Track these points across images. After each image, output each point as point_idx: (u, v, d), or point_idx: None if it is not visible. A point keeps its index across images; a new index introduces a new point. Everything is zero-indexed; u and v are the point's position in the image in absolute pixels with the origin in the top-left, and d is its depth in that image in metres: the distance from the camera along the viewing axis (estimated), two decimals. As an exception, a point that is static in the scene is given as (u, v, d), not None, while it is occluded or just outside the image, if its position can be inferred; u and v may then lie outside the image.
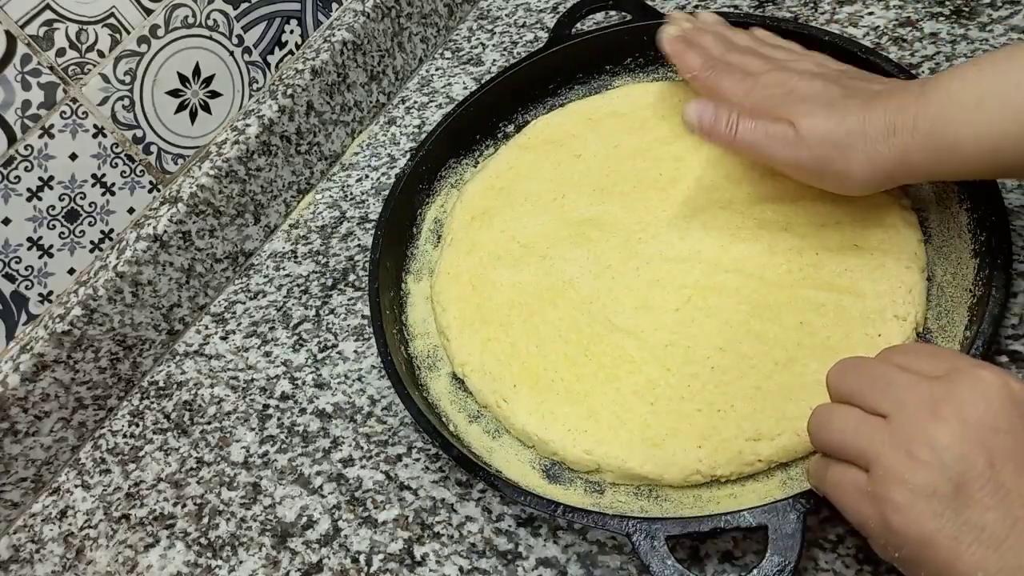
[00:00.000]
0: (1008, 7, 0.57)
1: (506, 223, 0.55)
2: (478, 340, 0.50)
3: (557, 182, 0.56)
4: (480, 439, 0.48)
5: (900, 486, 0.30)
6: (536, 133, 0.60)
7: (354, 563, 0.46)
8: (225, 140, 0.63)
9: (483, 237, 0.55)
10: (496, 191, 0.57)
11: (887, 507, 0.31)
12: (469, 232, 0.56)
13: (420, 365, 0.52)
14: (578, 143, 0.58)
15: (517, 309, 0.51)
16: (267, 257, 0.66)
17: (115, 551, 0.52)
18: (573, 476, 0.45)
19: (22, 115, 0.53)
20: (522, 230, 0.55)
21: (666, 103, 0.57)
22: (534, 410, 0.46)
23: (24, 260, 0.55)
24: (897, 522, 0.30)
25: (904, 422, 0.31)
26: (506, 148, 0.60)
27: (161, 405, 0.59)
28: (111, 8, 0.56)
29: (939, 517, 0.29)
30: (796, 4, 0.64)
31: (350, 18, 0.70)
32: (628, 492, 0.44)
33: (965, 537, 0.29)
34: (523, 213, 0.55)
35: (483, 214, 0.56)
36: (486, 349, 0.50)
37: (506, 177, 0.58)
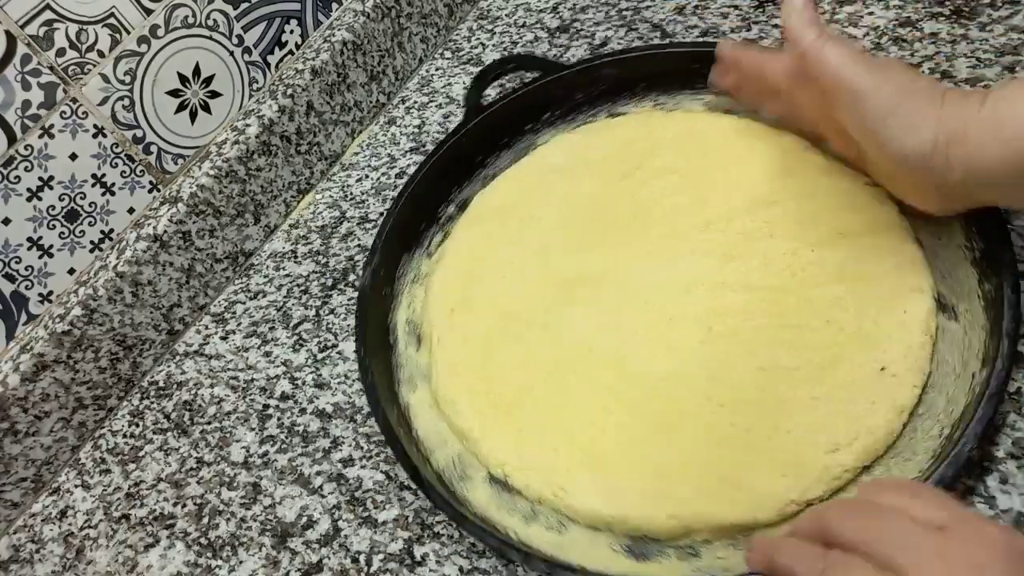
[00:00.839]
0: (1008, 7, 0.57)
1: (490, 302, 0.52)
2: (509, 434, 0.46)
3: (524, 247, 0.54)
4: (546, 538, 0.43)
5: None
6: (484, 205, 0.58)
7: (354, 563, 0.46)
8: (225, 140, 0.63)
9: (471, 324, 0.51)
10: (465, 275, 0.54)
11: None
12: (453, 324, 0.52)
13: (451, 479, 0.46)
14: (530, 205, 0.56)
15: (537, 389, 0.47)
16: (267, 257, 0.66)
17: (115, 551, 0.52)
18: (661, 547, 0.41)
19: (22, 115, 0.53)
20: (510, 304, 0.51)
21: (595, 148, 0.57)
22: (599, 489, 0.42)
23: (24, 260, 0.55)
24: None
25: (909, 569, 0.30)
26: (457, 228, 0.57)
27: (161, 405, 0.59)
28: (111, 8, 0.56)
29: None
30: (796, 4, 0.64)
31: (350, 18, 0.70)
32: (725, 546, 0.40)
33: None
34: (503, 287, 0.52)
35: (462, 301, 0.53)
36: (521, 441, 0.45)
37: (470, 257, 0.55)
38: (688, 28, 0.66)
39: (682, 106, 0.59)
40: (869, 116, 0.42)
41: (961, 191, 0.40)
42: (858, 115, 0.42)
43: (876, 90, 0.41)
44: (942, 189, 0.41)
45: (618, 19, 0.71)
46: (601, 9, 0.73)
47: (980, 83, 0.53)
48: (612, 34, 0.69)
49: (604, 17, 0.72)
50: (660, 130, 0.57)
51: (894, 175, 0.44)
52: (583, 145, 0.58)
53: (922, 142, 0.40)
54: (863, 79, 0.41)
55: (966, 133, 0.38)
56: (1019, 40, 0.55)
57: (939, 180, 0.40)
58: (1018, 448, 0.39)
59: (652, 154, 0.55)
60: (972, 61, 0.54)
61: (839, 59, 0.42)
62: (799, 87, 0.48)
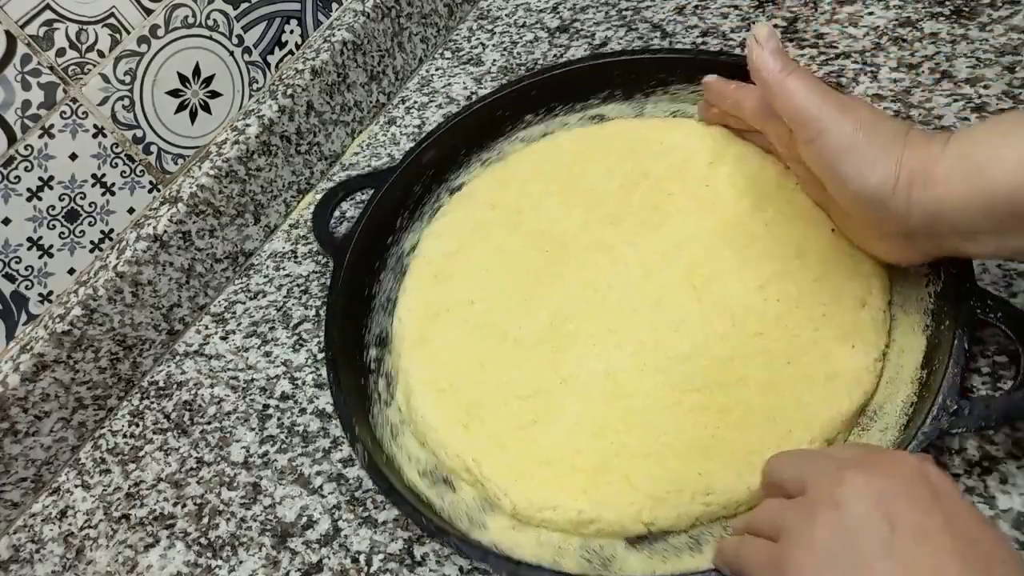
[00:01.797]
0: (1008, 7, 0.57)
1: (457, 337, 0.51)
2: (534, 484, 0.43)
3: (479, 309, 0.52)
4: (506, 535, 0.44)
5: (802, 548, 0.30)
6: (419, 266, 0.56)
7: (354, 563, 0.46)
8: (225, 140, 0.63)
9: (441, 354, 0.50)
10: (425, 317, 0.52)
11: (788, 568, 0.30)
12: (418, 357, 0.51)
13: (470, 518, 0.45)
14: (473, 252, 0.55)
15: (512, 405, 0.47)
16: (267, 257, 0.66)
17: (115, 551, 0.52)
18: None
19: (22, 115, 0.53)
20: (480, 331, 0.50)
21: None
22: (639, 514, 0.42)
23: (24, 260, 0.55)
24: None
25: (815, 489, 0.32)
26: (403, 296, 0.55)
27: (161, 405, 0.59)
28: (111, 8, 0.56)
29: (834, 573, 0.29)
30: (796, 4, 0.64)
31: (350, 18, 0.70)
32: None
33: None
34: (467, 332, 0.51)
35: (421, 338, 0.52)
36: (545, 486, 0.43)
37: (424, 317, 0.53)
38: (688, 28, 0.66)
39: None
40: (828, 151, 0.40)
41: (923, 236, 0.39)
42: (818, 150, 0.41)
43: (837, 125, 0.40)
44: (903, 234, 0.39)
45: (618, 19, 0.71)
46: (601, 9, 0.73)
47: (980, 83, 0.53)
48: (612, 34, 0.69)
49: (604, 17, 0.72)
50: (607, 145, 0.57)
51: (855, 218, 0.43)
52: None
53: (882, 180, 0.38)
54: (824, 113, 0.40)
55: (930, 173, 0.37)
56: (1019, 40, 0.55)
57: (900, 223, 0.39)
58: (1018, 448, 0.39)
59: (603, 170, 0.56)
60: (972, 61, 0.54)
61: (801, 92, 0.41)
62: (767, 122, 0.48)
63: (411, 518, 0.42)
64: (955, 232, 0.37)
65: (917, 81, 0.55)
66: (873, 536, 0.29)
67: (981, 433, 0.40)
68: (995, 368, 0.42)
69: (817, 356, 0.43)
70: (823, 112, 0.40)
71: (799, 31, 0.62)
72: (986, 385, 0.41)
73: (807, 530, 0.30)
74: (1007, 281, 0.44)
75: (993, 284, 0.44)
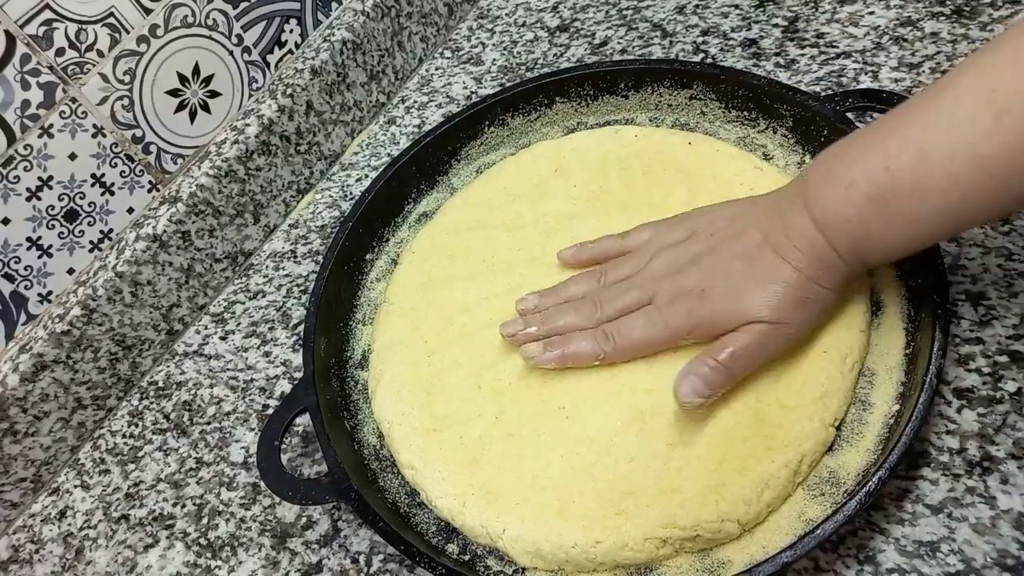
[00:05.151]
0: (1009, 6, 0.57)
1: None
2: (547, 531, 0.42)
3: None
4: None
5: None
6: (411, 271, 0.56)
7: (354, 563, 0.46)
8: (225, 140, 0.63)
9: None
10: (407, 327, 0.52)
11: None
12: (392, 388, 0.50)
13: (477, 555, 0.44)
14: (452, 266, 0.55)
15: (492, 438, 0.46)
16: (267, 257, 0.66)
17: (115, 551, 0.52)
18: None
19: (21, 115, 0.53)
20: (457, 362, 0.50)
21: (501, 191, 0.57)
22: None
23: (23, 260, 0.55)
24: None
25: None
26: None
27: (160, 405, 0.59)
28: (110, 8, 0.55)
29: None
30: (797, 3, 0.64)
31: (350, 17, 0.70)
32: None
33: None
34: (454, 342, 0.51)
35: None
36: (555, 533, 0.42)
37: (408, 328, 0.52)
38: (688, 27, 0.66)
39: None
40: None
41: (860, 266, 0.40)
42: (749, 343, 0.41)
43: (790, 341, 0.42)
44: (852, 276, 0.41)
45: (618, 18, 0.71)
46: (601, 8, 0.73)
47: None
48: (612, 33, 0.69)
49: (604, 16, 0.72)
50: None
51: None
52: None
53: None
54: (778, 347, 0.42)
55: (823, 225, 0.38)
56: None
57: (844, 280, 0.40)
58: (1018, 448, 0.39)
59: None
60: (973, 61, 0.54)
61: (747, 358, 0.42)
62: None
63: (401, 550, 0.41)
64: (847, 235, 0.38)
65: (918, 81, 0.55)
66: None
67: (981, 434, 0.40)
68: (995, 368, 0.42)
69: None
70: (778, 346, 0.42)
71: (800, 30, 0.62)
72: (987, 385, 0.41)
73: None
74: (1007, 281, 0.44)
75: (994, 284, 0.44)
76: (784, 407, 0.42)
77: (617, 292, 0.45)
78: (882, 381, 0.43)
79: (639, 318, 0.44)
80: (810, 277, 0.39)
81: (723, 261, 0.42)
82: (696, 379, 0.40)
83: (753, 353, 0.41)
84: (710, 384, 0.40)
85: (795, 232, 0.39)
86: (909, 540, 0.38)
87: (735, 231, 0.43)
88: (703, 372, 0.40)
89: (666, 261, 0.45)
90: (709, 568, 0.39)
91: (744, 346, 0.40)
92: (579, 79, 0.59)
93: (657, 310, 0.44)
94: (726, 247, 0.42)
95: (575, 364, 0.45)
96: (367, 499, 0.43)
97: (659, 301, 0.44)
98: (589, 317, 0.45)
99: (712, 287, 0.42)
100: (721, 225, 0.44)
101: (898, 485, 0.40)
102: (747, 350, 0.40)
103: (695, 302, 0.42)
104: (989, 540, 0.37)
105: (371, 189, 0.57)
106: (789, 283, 0.40)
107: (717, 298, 0.41)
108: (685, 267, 0.43)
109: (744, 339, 0.40)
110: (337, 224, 0.66)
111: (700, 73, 0.56)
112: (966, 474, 0.39)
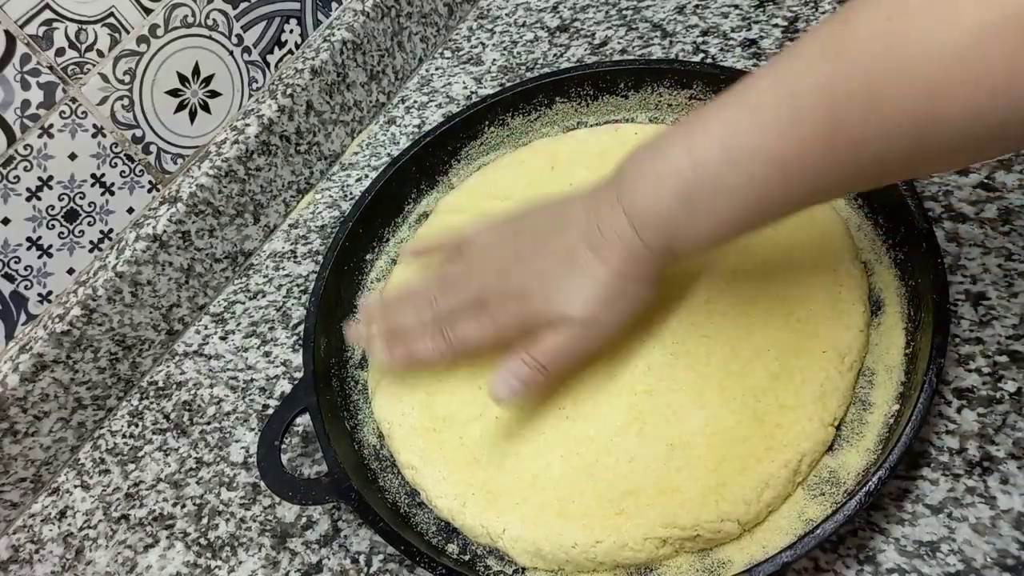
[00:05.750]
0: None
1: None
2: (547, 531, 0.42)
3: None
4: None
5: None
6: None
7: (354, 563, 0.46)
8: (225, 140, 0.63)
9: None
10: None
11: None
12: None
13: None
14: None
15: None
16: (267, 257, 0.66)
17: (114, 551, 0.52)
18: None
19: (21, 115, 0.53)
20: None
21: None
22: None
23: (23, 260, 0.55)
24: None
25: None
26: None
27: (160, 405, 0.59)
28: (110, 8, 0.55)
29: None
30: (797, 3, 0.64)
31: (350, 17, 0.70)
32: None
33: None
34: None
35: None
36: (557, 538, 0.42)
37: None
38: (688, 28, 0.66)
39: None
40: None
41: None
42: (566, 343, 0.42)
43: (605, 337, 0.43)
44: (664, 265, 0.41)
45: (618, 18, 0.71)
46: (601, 8, 0.73)
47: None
48: (612, 33, 0.69)
49: (604, 16, 0.72)
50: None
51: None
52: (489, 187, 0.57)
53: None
54: (589, 347, 0.43)
55: (638, 219, 0.39)
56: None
57: (658, 269, 0.40)
58: (1018, 448, 0.39)
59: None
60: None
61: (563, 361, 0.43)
62: None
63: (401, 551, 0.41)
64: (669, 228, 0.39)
65: (917, 81, 0.55)
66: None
67: (981, 434, 0.40)
68: (995, 368, 0.42)
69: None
70: (587, 346, 0.43)
71: (800, 31, 0.62)
72: (987, 385, 0.41)
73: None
74: (1008, 281, 0.44)
75: (994, 284, 0.44)
76: (783, 407, 0.42)
77: (449, 290, 0.46)
78: (882, 381, 0.43)
79: (471, 320, 0.45)
80: (621, 274, 0.40)
81: (541, 261, 0.43)
82: (512, 379, 0.42)
83: (566, 353, 0.42)
84: (526, 382, 0.42)
85: (608, 228, 0.40)
86: (909, 540, 0.38)
87: (554, 229, 0.43)
88: (518, 371, 0.42)
89: (494, 261, 0.46)
90: (709, 568, 0.39)
91: (555, 345, 0.42)
92: (579, 79, 0.59)
93: (487, 313, 0.44)
94: (544, 247, 0.43)
95: (419, 365, 0.46)
96: (367, 499, 0.43)
97: (488, 302, 0.44)
98: (425, 317, 0.46)
99: (531, 288, 0.43)
100: (543, 224, 0.45)
101: (898, 485, 0.40)
102: (559, 349, 0.42)
103: (518, 304, 0.43)
104: (989, 540, 0.37)
105: (371, 189, 0.57)
106: (600, 282, 0.40)
107: (536, 299, 0.42)
108: (509, 268, 0.44)
109: (556, 339, 0.42)
110: (337, 224, 0.66)
111: (700, 73, 0.56)
112: (966, 474, 0.39)
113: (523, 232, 0.46)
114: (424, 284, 0.48)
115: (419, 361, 0.46)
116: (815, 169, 0.33)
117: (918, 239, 0.43)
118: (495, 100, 0.60)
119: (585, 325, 0.41)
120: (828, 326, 0.43)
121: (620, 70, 0.58)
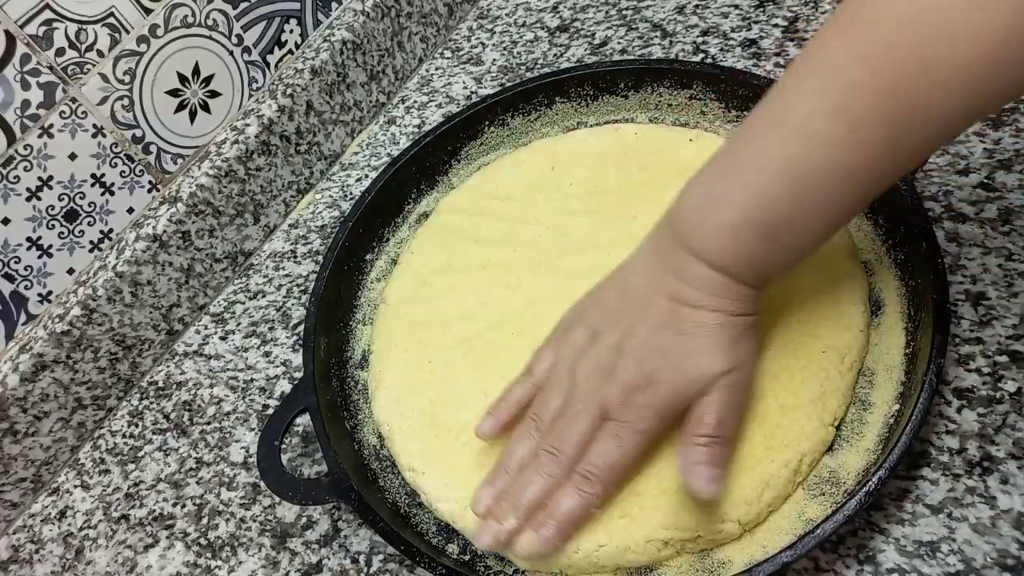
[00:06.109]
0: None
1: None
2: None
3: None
4: None
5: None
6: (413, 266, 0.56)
7: (354, 563, 0.46)
8: (225, 140, 0.63)
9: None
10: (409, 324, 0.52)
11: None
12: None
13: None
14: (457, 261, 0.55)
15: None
16: (267, 257, 0.66)
17: (115, 551, 0.52)
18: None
19: (21, 115, 0.53)
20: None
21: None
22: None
23: (23, 260, 0.55)
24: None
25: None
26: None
27: (160, 405, 0.59)
28: (110, 8, 0.55)
29: None
30: (797, 3, 0.64)
31: (350, 17, 0.70)
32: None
33: None
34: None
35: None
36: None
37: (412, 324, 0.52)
38: (688, 28, 0.66)
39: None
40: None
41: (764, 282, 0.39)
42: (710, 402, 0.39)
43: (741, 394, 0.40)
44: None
45: (618, 18, 0.71)
46: (601, 8, 0.73)
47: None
48: (612, 33, 0.69)
49: (604, 16, 0.72)
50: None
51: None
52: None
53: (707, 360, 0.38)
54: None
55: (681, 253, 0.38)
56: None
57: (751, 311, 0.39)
58: (1018, 448, 0.39)
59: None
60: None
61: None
62: None
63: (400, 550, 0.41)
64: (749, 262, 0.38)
65: (917, 81, 0.55)
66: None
67: (981, 434, 0.40)
68: (995, 368, 0.42)
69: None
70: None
71: (799, 31, 0.62)
72: (987, 385, 0.41)
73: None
74: (1008, 281, 0.44)
75: (994, 284, 0.44)
76: (783, 407, 0.42)
77: (565, 428, 0.40)
78: (882, 381, 0.43)
79: (607, 440, 0.39)
80: (732, 312, 0.38)
81: (648, 338, 0.39)
82: (703, 468, 0.37)
83: (734, 408, 0.39)
84: (717, 463, 0.37)
85: (694, 281, 0.38)
86: (909, 540, 0.38)
87: (633, 308, 0.40)
88: (704, 456, 0.37)
89: (591, 369, 0.40)
90: (709, 568, 0.39)
91: (722, 406, 0.38)
92: (579, 79, 0.59)
93: (617, 423, 0.39)
94: (641, 324, 0.39)
95: (576, 529, 0.40)
96: (367, 499, 0.43)
97: (613, 412, 0.39)
98: (555, 470, 0.40)
99: (654, 368, 0.38)
100: (616, 307, 0.41)
101: (898, 485, 0.40)
102: (727, 408, 0.38)
103: (649, 393, 0.38)
104: (989, 540, 0.37)
105: (371, 189, 0.57)
106: (720, 327, 0.38)
107: (666, 377, 0.38)
108: (614, 365, 0.39)
109: (718, 400, 0.38)
110: (337, 224, 0.66)
111: (700, 73, 0.56)
112: (966, 474, 0.39)
113: (600, 327, 0.41)
114: (524, 443, 0.41)
115: (578, 522, 0.40)
116: (881, 162, 0.34)
117: (918, 239, 0.43)
118: (495, 100, 0.60)
119: (736, 372, 0.38)
120: (828, 326, 0.43)
121: (620, 70, 0.58)
